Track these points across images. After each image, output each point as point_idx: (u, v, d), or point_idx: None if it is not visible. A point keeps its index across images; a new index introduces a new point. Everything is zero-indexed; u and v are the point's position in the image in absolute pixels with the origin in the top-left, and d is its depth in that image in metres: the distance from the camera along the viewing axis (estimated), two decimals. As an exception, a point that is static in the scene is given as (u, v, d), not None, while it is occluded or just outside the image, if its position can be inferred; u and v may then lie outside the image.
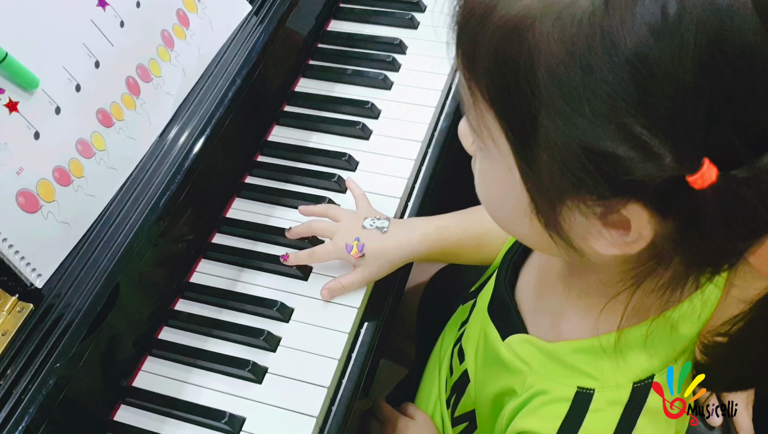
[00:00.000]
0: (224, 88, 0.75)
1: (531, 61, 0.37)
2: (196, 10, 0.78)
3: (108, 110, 0.68)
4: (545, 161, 0.38)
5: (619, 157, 0.35)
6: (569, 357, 0.51)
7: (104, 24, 0.68)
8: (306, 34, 0.92)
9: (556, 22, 0.36)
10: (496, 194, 0.46)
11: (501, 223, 0.48)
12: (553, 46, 0.36)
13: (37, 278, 0.61)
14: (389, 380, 0.96)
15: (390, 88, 0.89)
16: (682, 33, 0.33)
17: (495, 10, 0.38)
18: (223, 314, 0.72)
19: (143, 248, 0.65)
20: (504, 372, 0.56)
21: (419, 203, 0.81)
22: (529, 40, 0.37)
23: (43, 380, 0.57)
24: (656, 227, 0.38)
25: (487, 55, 0.39)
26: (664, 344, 0.48)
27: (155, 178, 0.69)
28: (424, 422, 0.76)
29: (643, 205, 0.37)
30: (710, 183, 0.34)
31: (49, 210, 0.61)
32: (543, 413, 0.52)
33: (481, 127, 0.42)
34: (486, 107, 0.41)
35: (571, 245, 0.42)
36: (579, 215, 0.39)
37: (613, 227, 0.39)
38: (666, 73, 0.34)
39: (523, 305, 0.58)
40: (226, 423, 0.64)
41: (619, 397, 0.49)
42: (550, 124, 0.37)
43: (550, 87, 0.36)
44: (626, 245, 0.40)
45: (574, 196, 0.38)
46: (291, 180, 0.82)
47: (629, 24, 0.34)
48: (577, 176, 0.37)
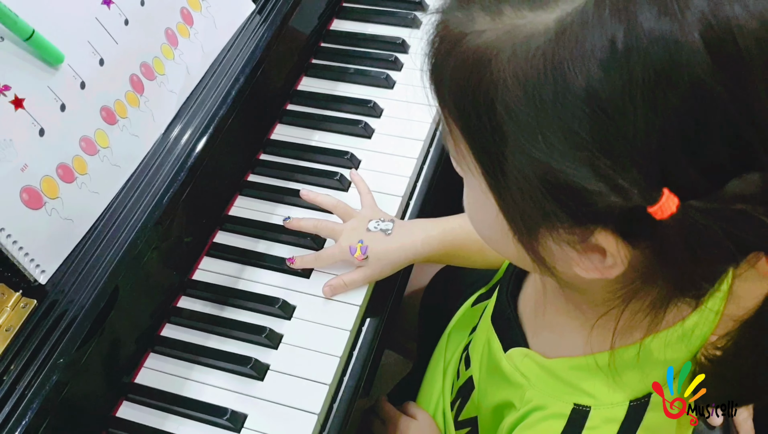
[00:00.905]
0: (227, 86, 0.75)
1: (490, 97, 0.37)
2: (200, 9, 0.78)
3: (112, 108, 0.68)
4: (514, 192, 0.38)
5: (579, 189, 0.35)
6: (566, 373, 0.51)
7: (109, 22, 0.68)
8: (309, 33, 0.92)
9: (511, 57, 0.36)
10: (480, 218, 0.47)
11: (489, 244, 0.49)
12: (509, 81, 0.36)
13: (40, 275, 0.61)
14: (391, 378, 0.96)
15: (392, 87, 0.90)
16: (631, 68, 0.33)
17: (460, 44, 0.38)
18: (226, 311, 0.73)
19: (146, 245, 0.66)
20: (505, 383, 0.57)
21: (421, 201, 0.82)
22: (488, 76, 0.37)
23: (46, 376, 0.57)
24: (630, 252, 0.38)
25: (451, 89, 0.39)
26: (660, 363, 0.48)
27: (158, 175, 0.69)
28: (425, 421, 0.76)
29: (611, 233, 0.37)
30: (670, 214, 0.34)
31: (52, 207, 0.62)
32: (539, 428, 0.52)
33: (458, 155, 0.43)
34: (459, 137, 0.41)
35: (550, 270, 0.42)
36: (551, 242, 0.40)
37: (590, 252, 0.39)
38: (617, 108, 0.34)
39: (525, 318, 0.58)
40: (228, 419, 0.64)
41: (616, 415, 0.49)
42: (512, 158, 0.37)
43: (508, 123, 0.36)
44: (605, 270, 0.40)
45: (546, 225, 0.39)
46: (293, 178, 0.82)
47: (579, 59, 0.34)
48: (543, 208, 0.37)
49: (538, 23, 0.36)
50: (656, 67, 0.33)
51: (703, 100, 0.33)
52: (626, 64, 0.33)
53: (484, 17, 0.37)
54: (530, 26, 0.36)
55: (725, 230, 0.34)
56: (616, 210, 0.35)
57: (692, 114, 0.33)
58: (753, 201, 0.34)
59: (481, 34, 0.37)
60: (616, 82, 0.34)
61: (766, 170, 0.34)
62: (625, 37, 0.33)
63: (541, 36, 0.35)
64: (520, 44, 0.36)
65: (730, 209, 0.34)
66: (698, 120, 0.34)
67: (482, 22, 0.37)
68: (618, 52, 0.33)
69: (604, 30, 0.34)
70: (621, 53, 0.33)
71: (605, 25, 0.34)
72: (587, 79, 0.34)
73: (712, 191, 0.34)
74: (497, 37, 0.37)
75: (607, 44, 0.34)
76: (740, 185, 0.34)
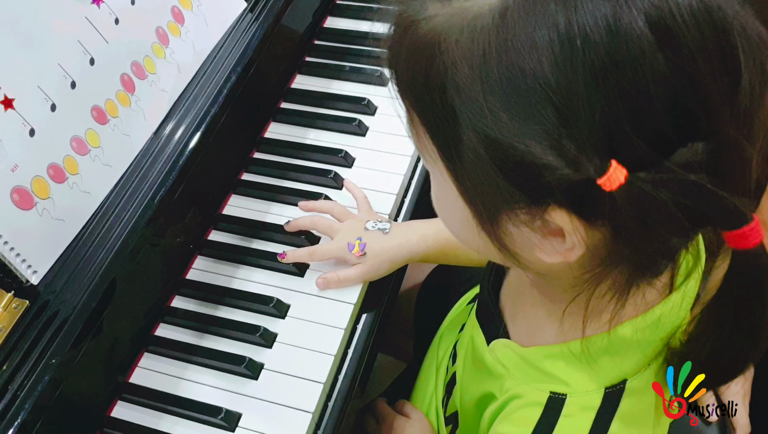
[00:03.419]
0: (219, 84, 0.75)
1: (441, 79, 0.38)
2: (191, 7, 0.78)
3: (103, 107, 0.68)
4: (472, 176, 0.39)
5: (528, 163, 0.36)
6: (542, 362, 0.51)
7: (99, 21, 0.68)
8: (302, 31, 0.92)
9: (459, 38, 0.37)
10: (445, 209, 0.47)
11: (456, 237, 0.49)
12: (457, 62, 0.37)
13: (32, 275, 0.61)
14: (385, 376, 0.96)
15: (386, 85, 0.89)
16: (573, 42, 0.34)
17: (411, 30, 0.39)
18: (220, 310, 0.72)
19: (138, 245, 0.65)
20: (487, 376, 0.57)
21: (415, 199, 0.81)
22: (438, 58, 0.37)
23: (39, 376, 0.57)
24: (587, 233, 0.38)
25: (406, 75, 0.40)
26: (633, 349, 0.48)
27: (150, 175, 0.69)
28: (419, 420, 0.76)
29: (565, 210, 0.37)
30: (619, 184, 0.34)
31: (44, 207, 0.62)
32: (516, 417, 0.52)
33: (420, 144, 0.43)
34: (419, 126, 0.41)
35: (515, 257, 0.42)
36: (513, 226, 0.40)
37: (550, 235, 0.39)
38: (561, 83, 0.34)
39: (506, 310, 0.58)
40: (222, 419, 0.64)
41: (591, 402, 0.49)
42: (465, 138, 0.38)
43: (458, 103, 0.37)
44: (566, 253, 0.40)
45: (506, 209, 0.39)
46: (287, 177, 0.82)
47: (522, 36, 0.35)
48: (499, 188, 0.38)
49: (483, 4, 0.37)
50: (599, 42, 0.34)
51: (646, 74, 0.34)
52: (570, 40, 0.34)
53: (434, 3, 0.39)
54: (476, 8, 0.37)
55: (675, 200, 0.35)
56: (565, 183, 0.35)
57: (636, 87, 0.34)
58: (700, 170, 0.35)
59: (431, 19, 0.38)
60: (559, 58, 0.34)
61: (710, 139, 0.35)
62: (567, 13, 0.34)
63: (486, 16, 0.36)
64: (467, 25, 0.37)
65: (679, 179, 0.34)
66: (642, 93, 0.34)
67: (433, 7, 0.38)
68: (561, 27, 0.34)
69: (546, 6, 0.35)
70: (564, 29, 0.34)
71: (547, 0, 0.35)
72: (531, 55, 0.35)
73: (659, 162, 0.35)
74: (446, 20, 0.38)
75: (550, 21, 0.34)
76: (686, 154, 0.35)
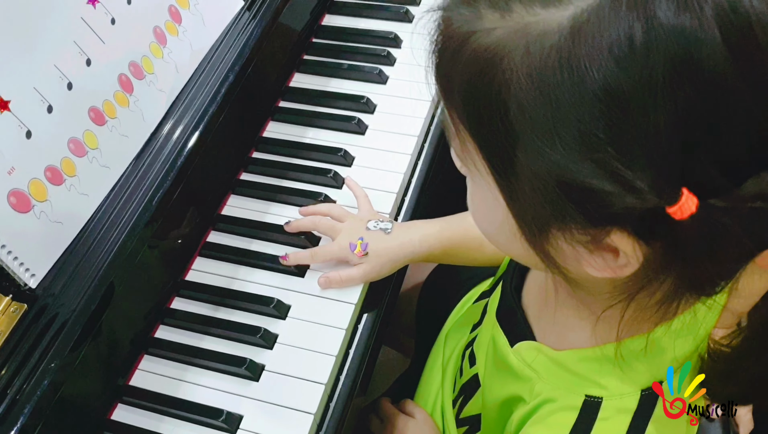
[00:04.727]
0: (217, 84, 0.75)
1: (502, 97, 0.36)
2: (188, 7, 0.77)
3: (100, 108, 0.67)
4: (526, 193, 0.38)
5: (596, 190, 0.35)
6: (576, 365, 0.51)
7: (95, 22, 0.68)
8: (300, 29, 0.91)
9: (524, 55, 0.35)
10: (486, 217, 0.46)
11: (496, 245, 0.48)
12: (522, 81, 0.35)
13: (30, 278, 0.61)
14: (388, 375, 0.96)
15: (385, 83, 0.89)
16: (650, 64, 0.33)
17: (468, 42, 0.37)
18: (220, 312, 0.72)
19: (137, 247, 0.65)
20: (512, 378, 0.56)
21: (416, 198, 0.81)
22: (500, 76, 0.36)
23: (38, 380, 0.57)
24: (644, 252, 0.38)
25: (460, 88, 0.38)
26: (668, 352, 0.48)
27: (149, 176, 0.68)
28: (424, 420, 0.76)
29: (627, 233, 0.37)
30: (690, 214, 0.34)
31: (41, 210, 0.61)
32: (551, 422, 0.51)
33: (464, 154, 0.42)
34: (467, 137, 0.40)
35: (560, 268, 0.41)
36: (563, 242, 0.39)
37: (603, 251, 0.39)
38: (636, 106, 0.33)
39: (530, 312, 0.58)
40: (223, 421, 0.64)
41: (628, 405, 0.48)
42: (525, 158, 0.36)
43: (522, 123, 0.36)
44: (617, 269, 0.39)
45: (558, 225, 0.38)
46: (286, 176, 0.81)
47: (596, 56, 0.33)
48: (558, 208, 0.37)
49: (551, 21, 0.35)
50: (676, 63, 0.32)
51: (723, 96, 0.33)
52: (645, 61, 0.33)
53: (492, 14, 0.37)
54: (543, 24, 0.35)
55: (744, 228, 0.34)
56: (634, 212, 0.35)
57: (712, 110, 0.33)
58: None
59: (491, 33, 0.36)
60: (634, 79, 0.33)
61: None
62: (643, 32, 0.33)
63: (555, 33, 0.34)
64: (533, 42, 0.35)
65: (748, 207, 0.34)
66: (718, 116, 0.33)
67: (491, 19, 0.37)
68: (636, 48, 0.33)
69: (621, 26, 0.33)
70: (639, 49, 0.33)
71: (622, 21, 0.33)
72: (605, 76, 0.33)
73: (730, 190, 0.34)
74: (508, 35, 0.36)
75: (624, 40, 0.33)
76: (758, 184, 0.34)
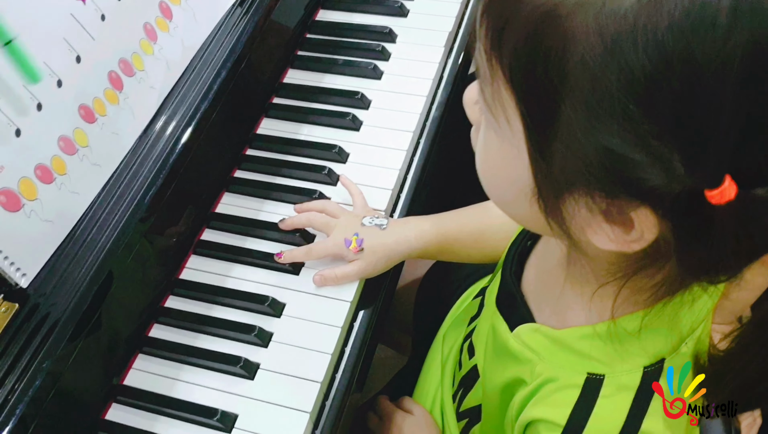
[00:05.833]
0: (209, 81, 0.74)
1: (565, 50, 0.35)
2: (180, 2, 0.77)
3: (90, 106, 0.67)
4: (560, 152, 0.37)
5: (639, 163, 0.34)
6: (577, 343, 0.50)
7: (85, 18, 0.67)
8: (294, 25, 0.90)
9: (598, 13, 0.34)
10: (498, 172, 0.45)
11: (497, 201, 0.47)
12: (591, 38, 0.34)
13: (21, 278, 0.60)
14: (386, 372, 0.95)
15: (380, 78, 0.88)
16: (731, 45, 0.32)
17: None
18: (214, 310, 0.71)
19: (130, 245, 0.64)
20: (513, 362, 0.56)
21: (411, 194, 0.80)
22: (567, 28, 0.35)
23: (30, 380, 0.56)
24: (661, 231, 0.37)
25: (517, 34, 0.37)
26: (669, 329, 0.48)
27: (140, 174, 0.68)
28: (422, 416, 0.75)
29: (653, 210, 0.36)
30: (728, 200, 0.33)
31: (31, 209, 0.60)
32: (553, 400, 0.51)
33: (495, 102, 0.41)
34: (505, 85, 0.39)
35: (567, 234, 0.41)
36: (583, 207, 0.38)
37: (615, 223, 0.38)
38: (706, 83, 0.32)
39: (530, 296, 0.57)
40: (218, 420, 0.63)
41: (630, 382, 0.48)
42: (573, 116, 0.35)
43: (580, 79, 0.35)
44: (626, 243, 0.39)
45: (582, 189, 0.37)
46: (281, 173, 0.81)
47: (676, 26, 0.32)
48: (591, 173, 0.36)
49: None
50: (757, 46, 0.32)
51: None
52: (727, 36, 0.32)
53: None
54: None
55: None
56: (671, 190, 0.34)
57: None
58: None
59: None
60: (714, 56, 0.32)
61: None
62: (729, 8, 0.32)
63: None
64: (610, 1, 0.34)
65: None
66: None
67: None
68: (719, 23, 0.32)
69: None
70: (723, 24, 0.32)
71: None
72: (683, 48, 0.32)
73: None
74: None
75: (709, 13, 0.32)
76: None
